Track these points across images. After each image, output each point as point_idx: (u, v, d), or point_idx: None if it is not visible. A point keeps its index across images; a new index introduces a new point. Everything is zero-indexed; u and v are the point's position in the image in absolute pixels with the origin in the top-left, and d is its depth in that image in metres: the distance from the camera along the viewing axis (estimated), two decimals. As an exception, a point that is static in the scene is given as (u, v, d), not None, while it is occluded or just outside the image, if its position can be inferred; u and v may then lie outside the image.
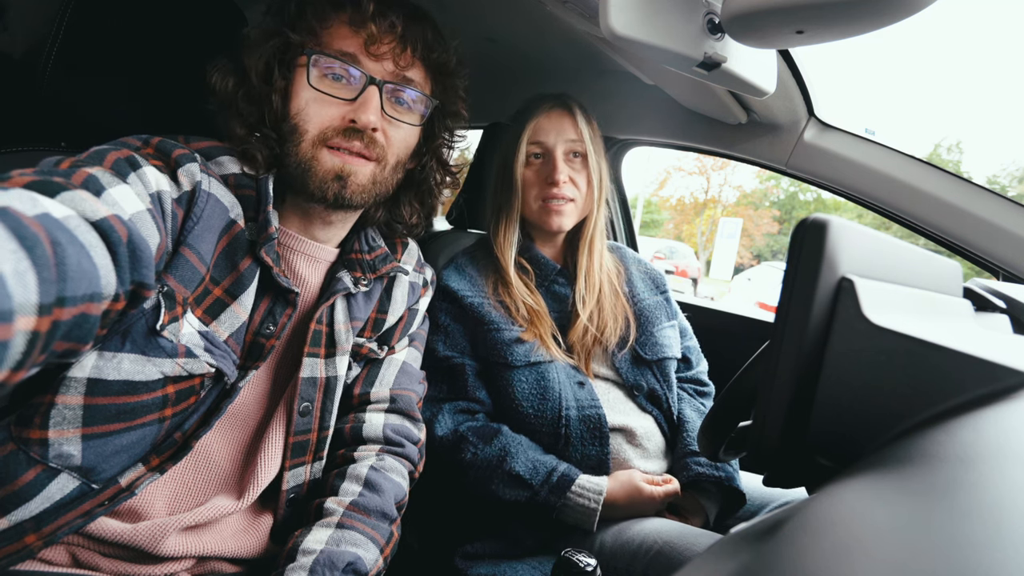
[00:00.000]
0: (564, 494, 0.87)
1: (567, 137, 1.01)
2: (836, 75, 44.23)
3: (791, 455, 0.34)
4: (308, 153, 0.68)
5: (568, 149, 1.02)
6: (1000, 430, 0.24)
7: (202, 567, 0.68)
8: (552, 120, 1.02)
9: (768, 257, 22.62)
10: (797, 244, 0.34)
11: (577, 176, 1.03)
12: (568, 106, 1.03)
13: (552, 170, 1.00)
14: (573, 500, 0.87)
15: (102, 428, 0.56)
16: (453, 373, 0.99)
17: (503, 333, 0.97)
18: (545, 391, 0.94)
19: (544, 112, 1.03)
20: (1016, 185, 21.04)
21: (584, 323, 1.01)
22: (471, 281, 1.03)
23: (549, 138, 1.01)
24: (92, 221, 0.45)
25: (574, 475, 0.89)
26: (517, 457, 0.89)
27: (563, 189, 1.00)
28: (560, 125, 1.02)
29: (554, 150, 1.01)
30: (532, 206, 1.03)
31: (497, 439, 0.91)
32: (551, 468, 0.89)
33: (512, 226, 1.05)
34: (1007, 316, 0.54)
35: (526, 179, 1.03)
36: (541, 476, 0.88)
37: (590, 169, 1.03)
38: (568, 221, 1.03)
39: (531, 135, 1.02)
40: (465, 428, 0.93)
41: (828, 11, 0.55)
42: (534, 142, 1.02)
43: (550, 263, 1.07)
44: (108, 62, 0.74)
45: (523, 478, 0.88)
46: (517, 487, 0.88)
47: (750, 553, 0.22)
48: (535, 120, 1.02)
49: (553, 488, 0.88)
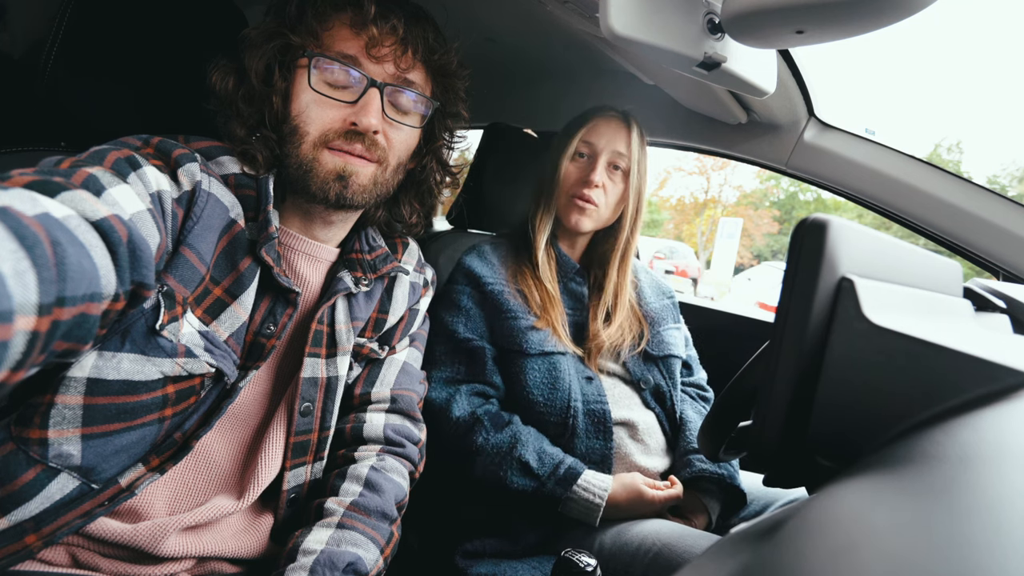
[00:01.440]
0: (570, 487, 0.88)
1: (615, 148, 1.03)
2: (836, 75, 44.23)
3: (791, 455, 0.34)
4: (309, 154, 0.68)
5: (612, 160, 1.04)
6: (1000, 430, 0.24)
7: (202, 567, 0.67)
8: (609, 126, 1.04)
9: (768, 257, 22.62)
10: (797, 244, 0.34)
11: (612, 187, 1.04)
12: (627, 120, 1.05)
13: (591, 171, 1.02)
14: (578, 494, 0.88)
15: (102, 428, 0.56)
16: (472, 355, 1.00)
17: (519, 321, 0.99)
18: (556, 381, 0.96)
19: (604, 118, 1.05)
20: (1016, 185, 21.04)
21: (598, 330, 1.03)
22: (492, 268, 1.05)
23: (600, 142, 1.03)
24: (92, 221, 0.45)
25: (581, 469, 0.90)
26: (527, 445, 0.91)
27: (593, 192, 1.02)
28: (614, 134, 1.03)
29: (599, 154, 1.03)
30: (563, 200, 1.05)
31: (509, 427, 0.93)
32: (559, 460, 0.90)
33: (549, 213, 1.08)
34: (1007, 316, 0.54)
35: (567, 173, 1.05)
36: (548, 467, 0.89)
37: (629, 186, 1.05)
38: (587, 223, 1.04)
39: (584, 134, 1.04)
40: (482, 412, 0.94)
41: (828, 11, 0.55)
42: (585, 141, 1.04)
43: (569, 260, 1.09)
44: (108, 62, 0.74)
45: (531, 467, 0.89)
46: (525, 475, 0.89)
47: (750, 553, 0.22)
48: (593, 121, 1.05)
49: (560, 480, 0.89)
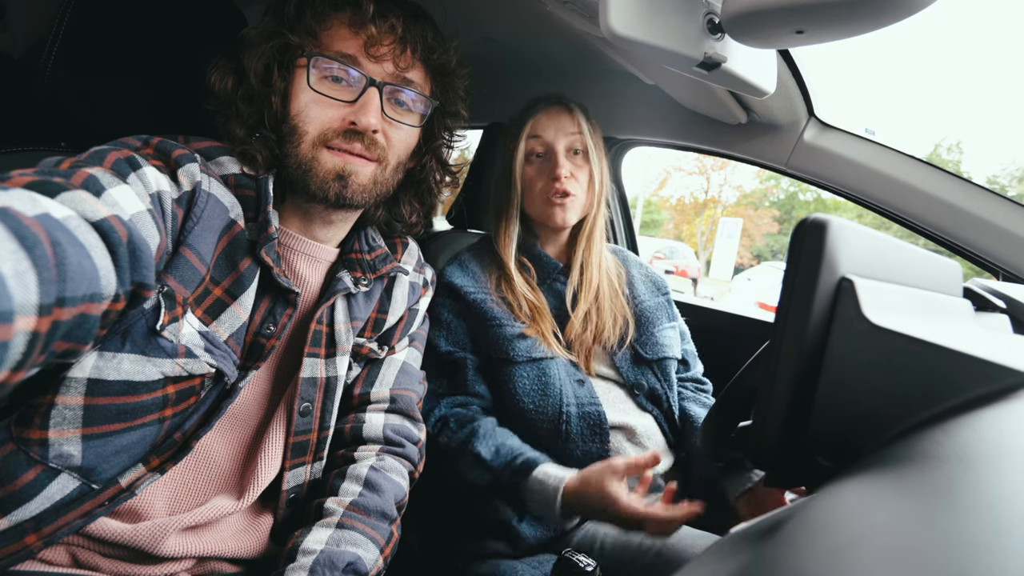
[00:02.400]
0: (525, 478, 0.83)
1: (567, 132, 1.01)
2: (836, 75, 44.24)
3: (791, 455, 0.34)
4: (308, 154, 0.68)
5: (569, 145, 1.02)
6: (1000, 430, 0.24)
7: (202, 567, 0.67)
8: (551, 117, 1.02)
9: (768, 257, 22.61)
10: (797, 244, 0.34)
11: (579, 172, 1.03)
12: (566, 104, 1.04)
13: (554, 165, 1.00)
14: (533, 485, 0.82)
15: (102, 428, 0.56)
16: (454, 368, 0.99)
17: (505, 329, 0.97)
18: (546, 387, 0.94)
19: (543, 110, 1.03)
20: (1016, 185, 21.04)
21: (580, 319, 1.01)
22: (474, 277, 1.03)
23: (548, 134, 1.01)
24: (92, 221, 0.45)
25: (539, 461, 0.85)
26: (484, 440, 0.88)
27: (565, 184, 1.00)
28: (559, 122, 1.02)
29: (555, 145, 1.01)
30: (536, 203, 1.03)
31: (470, 424, 0.91)
32: (516, 453, 0.86)
33: (512, 224, 1.05)
34: (1007, 316, 0.54)
35: (528, 177, 1.03)
36: (504, 459, 0.86)
37: (591, 165, 1.03)
38: (572, 216, 1.03)
39: (530, 131, 1.02)
40: (450, 413, 0.94)
41: (828, 11, 0.55)
42: (534, 138, 1.02)
43: (552, 261, 1.07)
44: (108, 62, 0.74)
45: (484, 459, 0.86)
46: (479, 468, 0.87)
47: (750, 553, 0.22)
48: (534, 118, 1.03)
49: (516, 471, 0.84)
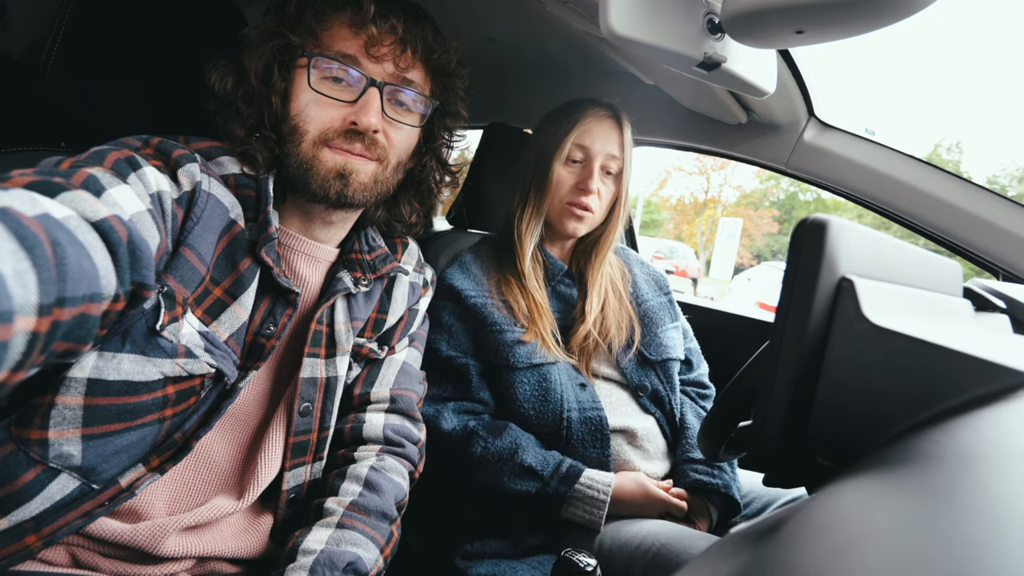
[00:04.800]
0: (573, 485, 0.88)
1: (610, 151, 1.01)
2: (836, 75, 44.23)
3: (791, 455, 0.34)
4: (309, 153, 0.68)
5: (606, 163, 1.02)
6: (1000, 430, 0.24)
7: (202, 567, 0.67)
8: (603, 128, 1.01)
9: (768, 257, 22.62)
10: (797, 244, 0.34)
11: (604, 190, 1.03)
12: (618, 118, 1.03)
13: (587, 177, 1.00)
14: (582, 492, 0.88)
15: (102, 428, 0.56)
16: (457, 373, 0.99)
17: (506, 335, 0.97)
18: (547, 393, 0.94)
19: (596, 118, 1.01)
20: (1016, 185, 21.04)
21: (588, 329, 1.02)
22: (475, 280, 1.03)
23: (595, 145, 1.00)
24: (92, 221, 0.45)
25: (582, 467, 0.90)
26: (528, 450, 0.90)
27: (590, 200, 1.00)
28: (608, 136, 1.01)
29: (594, 160, 1.01)
30: (556, 206, 1.03)
31: (507, 433, 0.92)
32: (559, 460, 0.91)
33: (537, 218, 1.05)
34: (1007, 316, 0.54)
35: (560, 178, 1.02)
36: (551, 467, 0.89)
37: (620, 187, 1.04)
38: (583, 229, 1.04)
39: (578, 137, 1.01)
40: (474, 424, 0.94)
41: (828, 11, 0.55)
42: (578, 145, 1.01)
43: (557, 263, 1.08)
44: (108, 62, 0.74)
45: (534, 469, 0.89)
46: (528, 478, 0.89)
47: (750, 553, 0.22)
48: (585, 123, 1.01)
49: (563, 479, 0.88)
